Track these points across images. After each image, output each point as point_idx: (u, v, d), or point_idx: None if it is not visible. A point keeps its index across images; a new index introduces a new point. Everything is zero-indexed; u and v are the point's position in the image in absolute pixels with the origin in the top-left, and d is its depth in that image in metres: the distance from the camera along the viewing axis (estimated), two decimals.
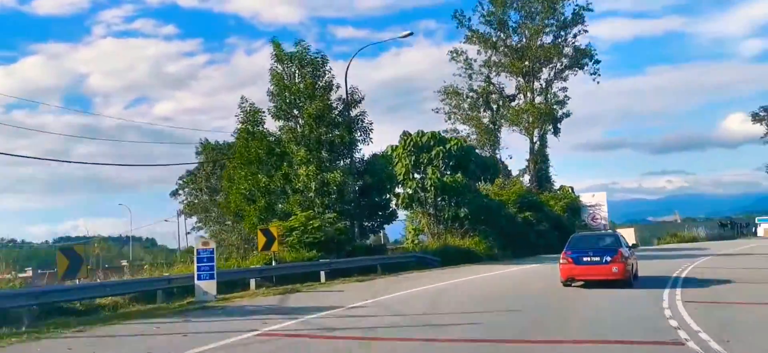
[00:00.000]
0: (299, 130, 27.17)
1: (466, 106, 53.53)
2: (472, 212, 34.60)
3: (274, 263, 20.81)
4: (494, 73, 52.88)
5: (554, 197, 46.31)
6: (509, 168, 52.01)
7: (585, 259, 16.82)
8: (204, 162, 41.96)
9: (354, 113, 28.26)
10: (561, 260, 17.21)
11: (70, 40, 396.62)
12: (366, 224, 29.61)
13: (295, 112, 27.55)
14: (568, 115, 50.35)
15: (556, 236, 40.32)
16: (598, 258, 16.76)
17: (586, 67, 50.51)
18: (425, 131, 35.38)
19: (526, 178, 50.13)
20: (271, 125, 27.19)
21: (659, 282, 17.27)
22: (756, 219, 73.86)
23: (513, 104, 52.28)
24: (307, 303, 14.95)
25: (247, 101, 26.77)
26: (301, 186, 26.23)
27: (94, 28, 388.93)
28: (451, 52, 52.96)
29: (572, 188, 47.80)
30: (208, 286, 15.49)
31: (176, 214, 54.54)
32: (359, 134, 28.33)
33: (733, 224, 73.18)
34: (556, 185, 50.21)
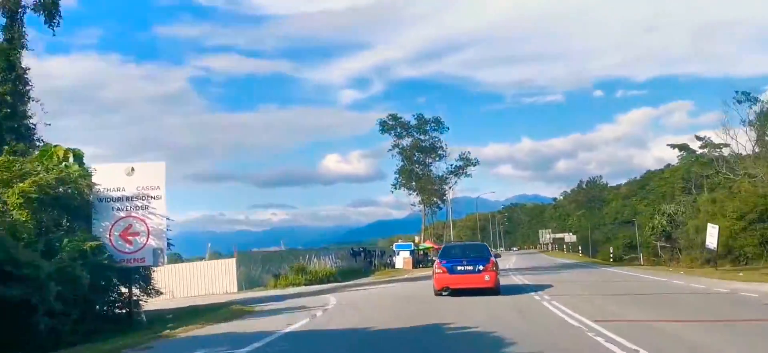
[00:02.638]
0: None
1: None
2: None
3: None
4: None
5: (13, 168, 15.38)
6: None
7: (459, 268, 17.23)
8: None
9: None
10: (436, 270, 17.82)
11: None
12: None
13: None
14: None
15: None
16: (471, 267, 17.13)
17: None
18: None
19: None
20: None
21: None
22: (393, 246, 55.85)
23: None
24: None
25: None
26: None
27: None
28: None
29: (77, 154, 17.17)
30: None
31: None
32: None
33: (367, 253, 53.43)
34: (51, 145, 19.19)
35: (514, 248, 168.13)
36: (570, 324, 11.76)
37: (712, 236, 32.49)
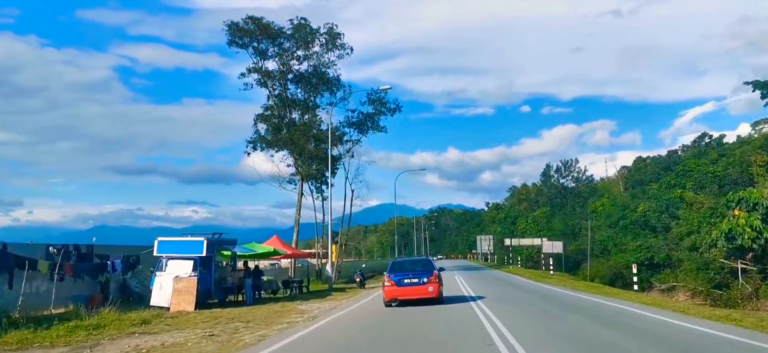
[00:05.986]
0: None
1: None
2: None
3: None
4: None
5: None
6: None
7: (406, 281, 18.55)
8: None
9: None
10: (385, 283, 18.84)
11: None
12: None
13: None
14: None
15: None
16: (417, 280, 18.56)
17: None
18: None
19: None
20: None
21: None
22: (155, 244, 21.10)
23: None
24: None
25: None
26: None
27: None
28: None
29: None
30: None
31: None
32: None
33: (85, 263, 18.43)
34: None
35: (439, 256, 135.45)
36: None
37: None
